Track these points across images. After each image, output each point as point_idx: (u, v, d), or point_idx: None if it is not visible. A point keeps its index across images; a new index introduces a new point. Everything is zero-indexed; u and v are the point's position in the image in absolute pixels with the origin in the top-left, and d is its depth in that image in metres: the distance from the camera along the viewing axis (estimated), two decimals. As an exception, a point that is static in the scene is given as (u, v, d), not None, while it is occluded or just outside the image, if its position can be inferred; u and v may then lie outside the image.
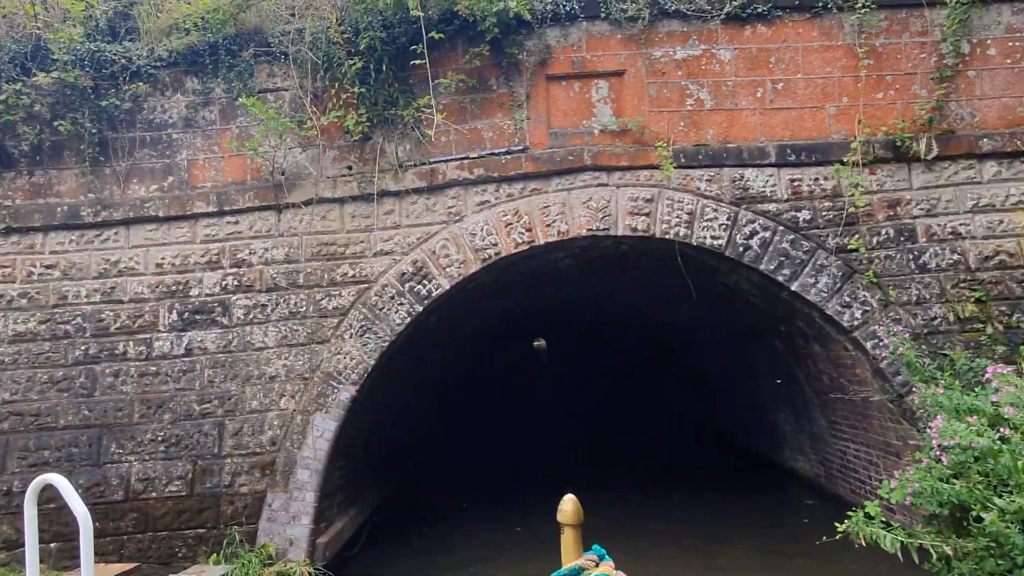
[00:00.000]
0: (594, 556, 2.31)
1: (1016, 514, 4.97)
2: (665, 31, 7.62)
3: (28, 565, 4.82)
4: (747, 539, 7.92)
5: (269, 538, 6.84)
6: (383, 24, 7.32)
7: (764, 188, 7.39)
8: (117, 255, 7.49)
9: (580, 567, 2.22)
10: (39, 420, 7.07)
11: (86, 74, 7.37)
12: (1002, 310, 7.02)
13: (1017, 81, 7.40)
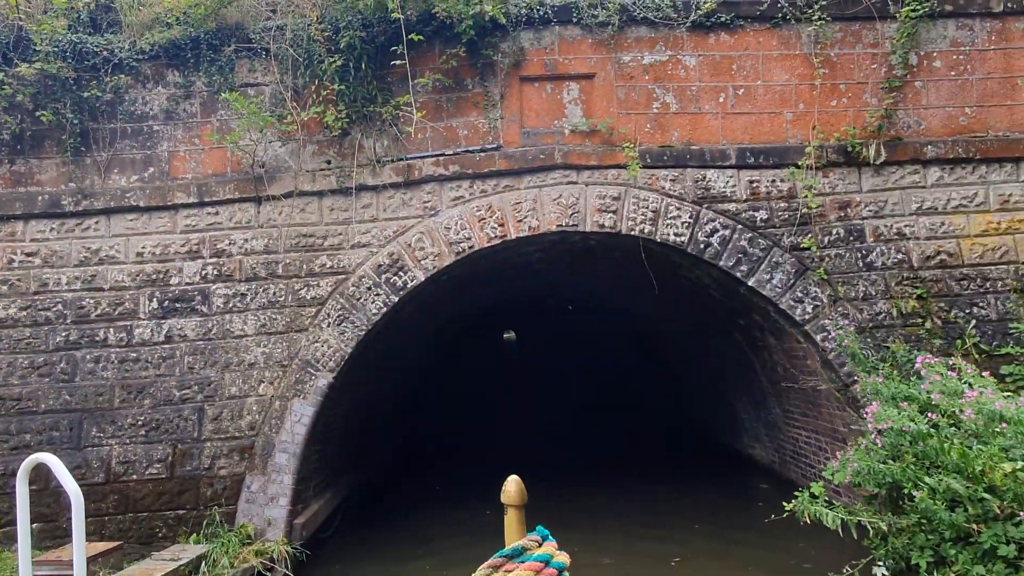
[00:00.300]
0: (537, 536, 2.32)
1: (944, 492, 5.44)
2: (634, 37, 7.98)
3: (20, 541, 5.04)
4: (702, 522, 8.37)
5: (248, 519, 7.10)
6: (363, 23, 7.56)
7: (725, 188, 7.80)
8: (98, 244, 7.65)
9: (523, 547, 2.24)
10: (20, 404, 7.23)
11: (68, 65, 7.50)
12: (941, 306, 7.54)
13: (960, 92, 7.91)
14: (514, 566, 2.16)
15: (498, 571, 2.16)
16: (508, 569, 2.15)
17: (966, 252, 7.70)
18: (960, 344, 7.36)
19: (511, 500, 2.47)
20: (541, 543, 2.28)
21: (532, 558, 2.17)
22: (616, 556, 7.30)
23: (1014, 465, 5.19)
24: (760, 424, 10.36)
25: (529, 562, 2.14)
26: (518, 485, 2.48)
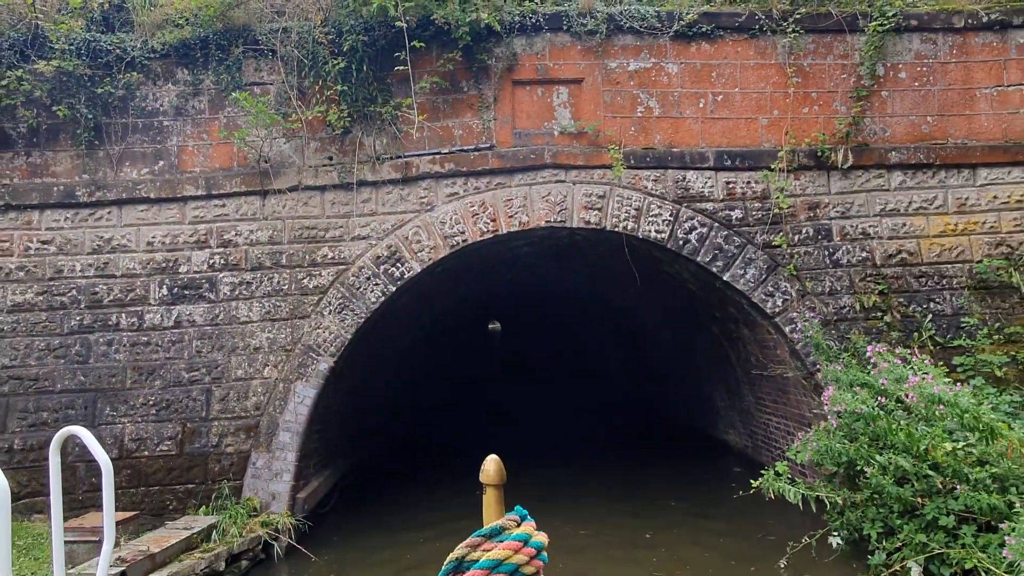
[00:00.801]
0: (515, 516, 2.32)
1: (893, 470, 6.03)
2: (620, 45, 8.47)
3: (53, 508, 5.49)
4: (677, 500, 8.95)
5: (253, 492, 7.58)
6: (364, 28, 7.99)
7: (703, 189, 8.33)
8: (110, 233, 8.06)
9: (501, 526, 2.23)
10: (37, 384, 7.65)
11: (83, 63, 7.88)
12: (900, 301, 8.13)
13: (923, 102, 8.48)
14: (492, 545, 2.16)
15: (476, 550, 2.17)
16: (486, 548, 2.16)
17: (925, 251, 8.30)
18: (917, 336, 7.96)
19: (490, 479, 2.42)
20: (520, 523, 2.28)
21: (511, 537, 2.18)
22: (594, 528, 7.86)
23: (954, 444, 5.78)
24: (734, 411, 10.96)
25: (508, 541, 2.15)
26: (497, 464, 2.43)
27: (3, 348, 7.66)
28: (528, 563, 2.15)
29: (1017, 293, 8.09)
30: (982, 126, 8.43)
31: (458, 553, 2.16)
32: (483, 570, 2.09)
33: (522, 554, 2.14)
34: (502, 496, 2.42)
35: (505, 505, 2.46)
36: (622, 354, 17.93)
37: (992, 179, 8.36)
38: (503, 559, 2.11)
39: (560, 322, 20.75)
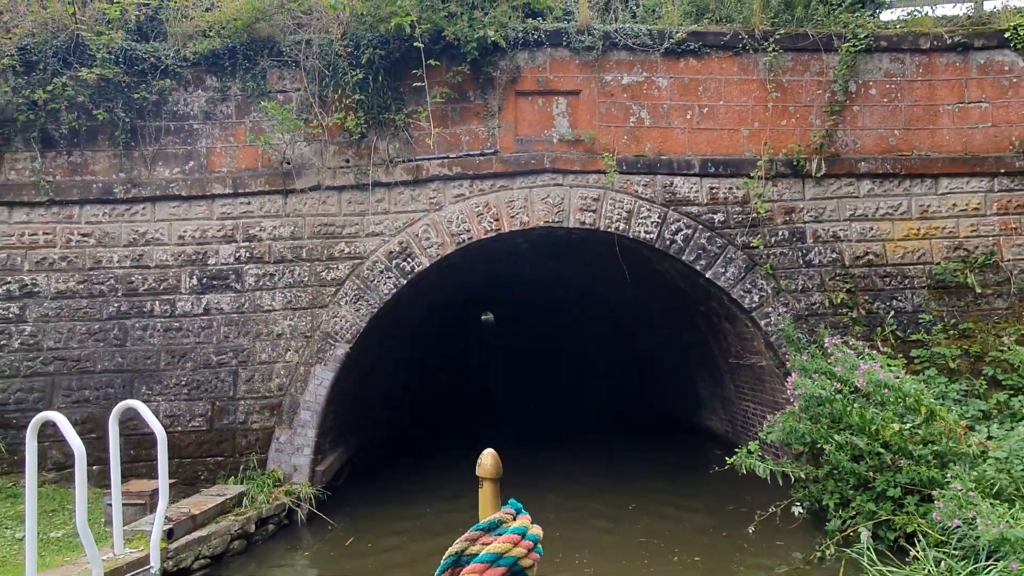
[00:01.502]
0: (511, 510, 2.36)
1: (849, 448, 6.84)
2: (615, 59, 9.21)
3: (112, 471, 6.27)
4: (659, 478, 9.77)
5: (277, 465, 8.35)
6: (381, 42, 8.70)
7: (689, 193, 9.11)
8: (144, 227, 8.77)
9: (499, 520, 2.27)
10: (80, 365, 8.39)
11: (121, 70, 8.57)
12: (866, 299, 8.94)
13: (890, 116, 9.26)
14: (491, 539, 2.19)
15: (475, 544, 2.20)
16: (485, 542, 2.19)
17: (890, 253, 9.10)
18: (880, 331, 8.78)
19: (487, 473, 2.44)
20: (515, 516, 2.32)
21: (509, 531, 2.20)
22: (582, 502, 8.67)
23: (901, 425, 6.60)
24: (717, 399, 11.78)
25: (506, 535, 2.18)
26: (494, 459, 2.46)
27: (48, 332, 8.39)
28: (526, 556, 2.18)
29: (971, 292, 8.91)
30: (944, 140, 9.23)
31: (457, 547, 2.18)
32: (483, 563, 2.10)
33: (520, 547, 2.17)
34: (498, 490, 2.42)
35: (500, 498, 2.50)
36: (615, 347, 18.74)
37: (952, 188, 9.16)
38: (503, 552, 2.14)
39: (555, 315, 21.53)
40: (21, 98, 8.35)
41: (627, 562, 6.79)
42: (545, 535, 6.59)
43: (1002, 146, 9.17)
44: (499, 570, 2.10)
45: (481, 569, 2.08)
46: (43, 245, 8.57)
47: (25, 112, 8.39)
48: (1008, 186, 9.12)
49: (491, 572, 2.09)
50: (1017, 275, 8.94)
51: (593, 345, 20.80)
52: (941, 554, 5.65)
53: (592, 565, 6.71)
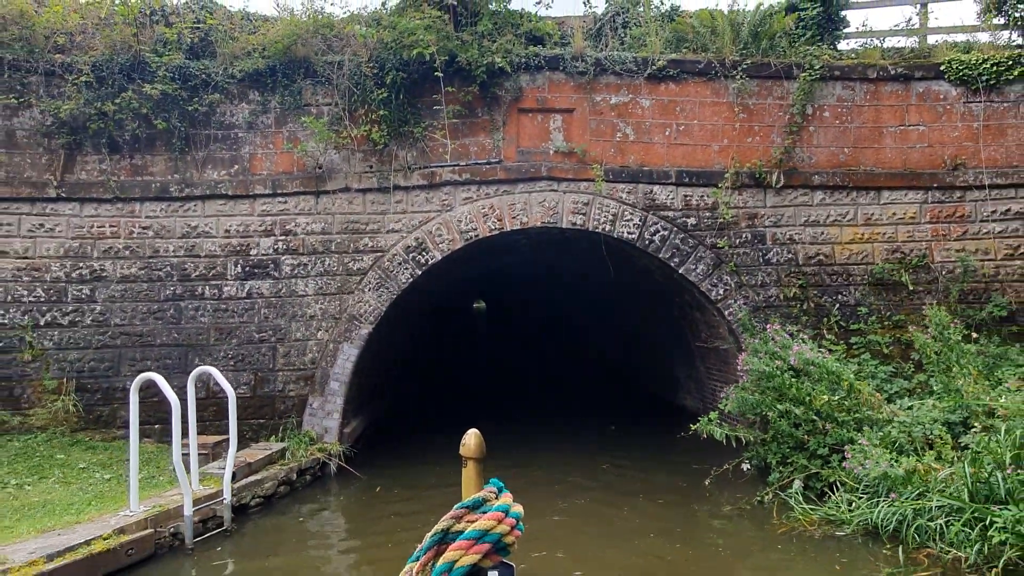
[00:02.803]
0: (493, 488, 2.39)
1: (788, 415, 8.32)
2: (604, 82, 10.62)
3: (190, 427, 7.66)
4: (633, 447, 11.23)
5: (311, 427, 9.80)
6: (402, 65, 10.04)
7: (666, 200, 10.55)
8: (196, 222, 10.15)
9: (483, 498, 2.30)
10: (142, 339, 9.80)
11: (178, 85, 9.92)
12: (815, 293, 10.43)
13: (841, 136, 10.71)
14: (476, 516, 2.23)
15: (461, 521, 2.24)
16: (471, 519, 2.23)
17: (838, 255, 10.58)
18: (826, 321, 10.28)
19: (470, 453, 2.48)
20: (498, 494, 2.36)
21: (493, 509, 2.24)
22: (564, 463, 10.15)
23: (830, 397, 8.10)
24: (690, 380, 13.28)
25: (491, 512, 2.23)
26: (478, 439, 2.51)
27: (115, 311, 9.78)
28: (509, 532, 2.23)
29: (905, 289, 10.40)
30: (887, 157, 10.69)
31: (443, 525, 2.23)
32: (469, 540, 2.15)
33: (504, 524, 2.22)
34: (481, 469, 2.45)
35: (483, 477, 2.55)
36: (602, 332, 20.25)
37: (892, 199, 10.63)
38: (488, 529, 2.19)
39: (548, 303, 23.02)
40: (92, 109, 9.67)
41: (601, 506, 8.28)
42: (533, 488, 8.37)
43: (936, 163, 10.64)
44: (484, 546, 2.13)
45: (467, 545, 2.11)
46: (109, 236, 9.93)
47: (96, 121, 9.72)
48: (940, 198, 10.60)
49: (477, 548, 2.12)
50: (945, 275, 10.43)
51: (582, 331, 22.30)
52: (852, 496, 7.17)
53: (571, 509, 8.19)
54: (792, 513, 7.44)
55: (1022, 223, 10.42)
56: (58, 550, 5.73)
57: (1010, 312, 10.09)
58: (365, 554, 6.99)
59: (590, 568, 6.41)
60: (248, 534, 7.40)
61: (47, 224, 9.73)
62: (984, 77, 10.46)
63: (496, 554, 2.17)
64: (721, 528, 7.59)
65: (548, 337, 25.30)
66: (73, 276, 9.73)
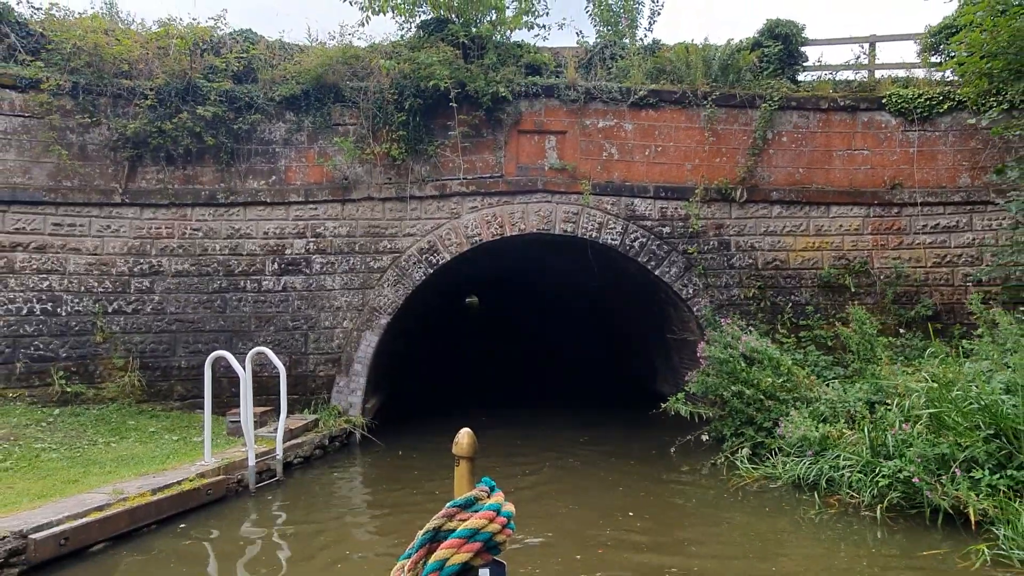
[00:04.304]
0: (485, 488, 2.39)
1: (740, 395, 10.01)
2: (593, 108, 12.27)
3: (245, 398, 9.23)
4: (611, 426, 12.92)
5: (337, 402, 11.45)
6: (419, 91, 11.66)
7: (645, 211, 12.22)
8: (239, 224, 11.75)
9: (475, 497, 2.30)
10: (194, 325, 11.41)
11: (225, 107, 11.50)
12: (771, 293, 12.14)
13: (797, 158, 12.40)
14: (468, 515, 2.23)
15: (452, 520, 2.24)
16: (462, 518, 2.24)
17: (791, 260, 12.28)
18: (780, 318, 11.99)
19: (463, 452, 2.45)
20: (490, 493, 2.37)
21: (485, 508, 2.26)
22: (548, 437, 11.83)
23: (773, 379, 9.80)
24: (667, 368, 14.99)
25: (483, 511, 2.24)
26: (470, 438, 2.48)
27: (171, 300, 11.39)
28: (501, 532, 2.25)
29: (848, 291, 12.12)
30: (835, 177, 12.40)
31: (435, 523, 2.21)
32: (460, 539, 2.16)
33: (496, 523, 2.23)
34: (473, 468, 2.46)
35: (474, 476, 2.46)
36: (590, 326, 21.95)
37: (840, 213, 12.34)
38: (479, 528, 2.19)
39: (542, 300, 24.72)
40: (153, 127, 11.24)
41: (580, 467, 9.97)
42: (521, 457, 10.34)
43: (877, 183, 12.36)
44: (475, 545, 2.13)
45: (459, 544, 2.12)
46: (165, 236, 11.53)
47: (155, 137, 11.29)
48: (880, 213, 12.31)
49: (468, 546, 2.12)
50: (882, 279, 12.16)
51: (571, 323, 24.00)
52: (785, 458, 8.88)
53: (554, 471, 9.87)
54: (738, 472, 9.14)
55: (948, 236, 12.16)
56: (159, 486, 7.38)
57: (935, 312, 11.84)
58: (387, 498, 8.65)
59: (566, 512, 8.09)
60: (294, 484, 9.06)
61: (113, 225, 11.31)
62: (919, 110, 12.18)
63: (487, 552, 2.21)
64: (680, 484, 9.27)
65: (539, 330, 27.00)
66: (135, 270, 11.32)
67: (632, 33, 14.25)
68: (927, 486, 6.97)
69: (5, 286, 10.59)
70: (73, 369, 10.78)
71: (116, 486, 7.22)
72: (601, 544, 6.93)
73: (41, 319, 10.74)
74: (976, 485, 6.84)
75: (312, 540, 7.09)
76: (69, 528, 6.25)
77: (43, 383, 10.54)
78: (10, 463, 7.88)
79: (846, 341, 10.48)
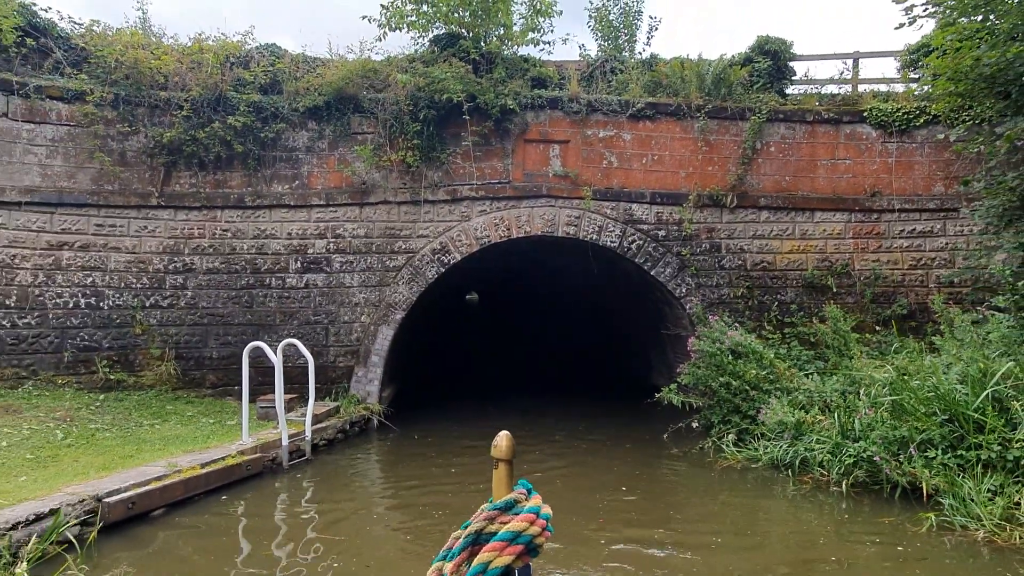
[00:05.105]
0: (523, 490, 2.40)
1: (726, 386, 10.92)
2: (594, 120, 13.18)
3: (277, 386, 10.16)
4: (608, 415, 13.86)
5: (356, 391, 12.37)
6: (432, 103, 12.56)
7: (642, 215, 13.13)
8: (264, 226, 12.66)
9: (515, 499, 2.32)
10: (224, 319, 12.33)
11: (253, 117, 12.40)
12: (759, 293, 13.06)
13: (784, 167, 13.31)
14: (509, 518, 2.26)
15: (494, 523, 2.27)
16: (503, 521, 2.26)
17: (778, 262, 13.20)
18: (767, 315, 12.91)
19: (502, 454, 2.40)
20: (528, 496, 2.37)
21: (525, 510, 2.27)
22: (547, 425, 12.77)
23: (757, 371, 10.73)
24: (661, 363, 15.91)
25: (523, 514, 2.25)
26: (509, 440, 2.40)
27: (203, 296, 12.31)
28: (541, 534, 2.27)
29: (830, 291, 13.04)
30: (820, 185, 13.31)
31: (476, 526, 2.25)
32: (503, 541, 2.18)
33: (536, 525, 2.26)
34: (512, 471, 2.45)
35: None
36: (589, 321, 22.89)
37: (823, 219, 13.26)
38: (521, 531, 2.21)
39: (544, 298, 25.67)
40: (187, 136, 12.15)
41: (579, 450, 10.90)
42: (525, 442, 11.46)
43: (858, 190, 13.27)
44: (518, 548, 2.15)
45: (501, 547, 2.14)
46: (197, 236, 12.44)
47: (189, 145, 12.19)
48: (861, 219, 13.24)
49: (510, 549, 2.14)
50: (862, 280, 13.08)
51: (570, 320, 24.94)
52: (766, 442, 9.81)
53: (555, 453, 10.80)
54: (724, 455, 10.07)
55: (923, 240, 13.09)
56: (206, 461, 8.31)
57: (910, 311, 12.77)
58: (404, 473, 9.57)
59: (566, 487, 9.02)
60: (321, 463, 9.99)
61: (149, 226, 12.22)
62: (897, 123, 13.10)
63: (527, 555, 2.22)
64: (671, 465, 10.21)
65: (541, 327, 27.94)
66: (170, 268, 12.24)
67: (631, 47, 15.16)
68: (886, 464, 7.90)
69: (54, 282, 11.51)
70: (115, 358, 11.71)
71: (170, 460, 8.14)
72: (600, 514, 7.86)
73: (86, 312, 11.66)
74: (930, 464, 7.76)
75: (339, 509, 8.02)
76: (135, 494, 7.18)
77: (88, 371, 11.47)
78: (71, 440, 8.80)
79: (822, 337, 11.41)
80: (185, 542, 6.82)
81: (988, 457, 7.43)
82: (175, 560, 6.39)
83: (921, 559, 6.39)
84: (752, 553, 6.69)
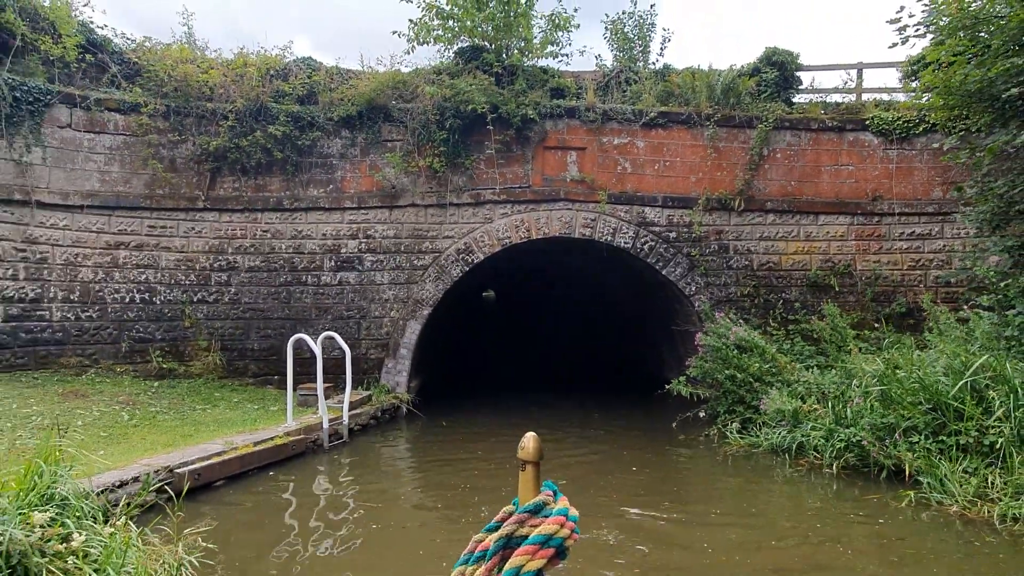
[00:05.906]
0: (550, 492, 2.31)
1: (731, 378, 11.72)
2: (609, 128, 14.00)
3: (318, 375, 11.08)
4: (620, 405, 14.70)
5: (386, 381, 13.30)
6: (458, 113, 13.44)
7: (654, 218, 13.93)
8: (301, 227, 13.61)
9: (543, 502, 2.26)
10: (264, 313, 13.30)
11: (291, 126, 13.35)
12: (765, 292, 13.83)
13: (789, 172, 14.06)
14: (539, 521, 2.22)
15: (524, 526, 2.23)
16: (534, 524, 2.22)
17: (783, 263, 13.96)
18: (772, 313, 13.67)
19: (529, 456, 2.31)
20: (555, 497, 2.30)
21: (554, 513, 2.24)
22: (564, 414, 13.62)
23: (760, 364, 11.51)
24: (672, 357, 16.69)
25: (553, 516, 2.22)
26: (536, 442, 2.30)
27: (245, 292, 13.28)
28: (570, 536, 2.24)
29: (833, 290, 13.78)
30: (823, 189, 14.04)
31: (507, 530, 2.24)
32: (535, 545, 2.17)
33: (566, 528, 2.22)
34: (539, 473, 2.38)
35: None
36: (602, 317, 23.71)
37: (827, 222, 13.99)
38: (552, 534, 2.19)
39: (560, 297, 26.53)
40: (231, 143, 13.12)
41: (593, 436, 11.75)
42: (543, 429, 12.52)
43: (860, 195, 13.99)
44: (549, 551, 2.15)
45: (533, 551, 2.13)
46: (239, 237, 13.42)
47: (233, 152, 13.17)
48: (863, 221, 13.95)
49: (542, 553, 2.14)
50: (863, 280, 13.80)
51: (587, 319, 25.76)
52: (767, 429, 10.60)
53: (570, 438, 11.65)
54: (728, 441, 10.87)
55: (922, 242, 13.79)
56: (257, 440, 9.26)
57: (908, 309, 13.48)
58: (431, 456, 10.47)
59: (581, 468, 9.87)
60: (357, 445, 10.91)
61: (196, 227, 13.21)
62: (898, 131, 13.80)
63: (557, 558, 2.19)
64: (678, 451, 11.03)
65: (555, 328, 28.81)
66: (215, 266, 13.23)
67: (645, 57, 15.95)
68: (873, 448, 8.69)
69: (112, 278, 12.53)
70: (167, 349, 12.72)
71: (226, 439, 9.10)
72: (612, 491, 8.71)
73: (140, 306, 12.68)
74: (913, 448, 8.53)
75: (377, 483, 8.95)
76: (200, 467, 8.13)
77: (143, 360, 12.48)
78: (136, 421, 9.79)
79: (820, 333, 12.18)
80: (248, 504, 7.78)
81: (966, 442, 8.19)
82: (245, 512, 7.42)
83: (900, 530, 7.19)
84: (749, 526, 7.50)
